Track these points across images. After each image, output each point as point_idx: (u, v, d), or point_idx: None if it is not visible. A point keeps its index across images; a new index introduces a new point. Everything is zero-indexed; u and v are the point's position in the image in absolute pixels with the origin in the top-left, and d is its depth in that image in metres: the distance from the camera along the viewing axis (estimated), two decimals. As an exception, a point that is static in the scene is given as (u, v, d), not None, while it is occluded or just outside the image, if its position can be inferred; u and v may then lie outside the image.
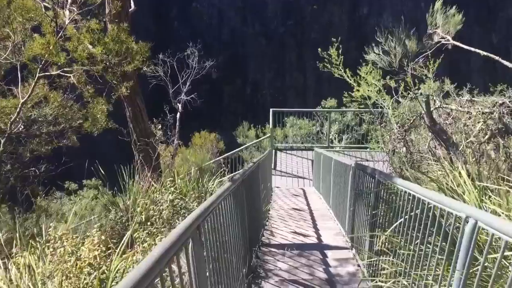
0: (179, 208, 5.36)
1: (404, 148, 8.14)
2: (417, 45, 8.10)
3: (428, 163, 8.25)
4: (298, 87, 76.78)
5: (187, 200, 5.75)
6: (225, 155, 14.68)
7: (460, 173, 4.13)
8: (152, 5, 74.89)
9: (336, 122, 18.92)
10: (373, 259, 5.02)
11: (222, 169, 8.48)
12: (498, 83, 12.27)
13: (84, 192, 21.23)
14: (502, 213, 3.52)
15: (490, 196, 3.99)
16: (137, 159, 7.02)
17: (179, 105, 13.88)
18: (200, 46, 14.94)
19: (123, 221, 5.04)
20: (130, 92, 6.92)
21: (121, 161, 7.30)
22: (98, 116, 6.23)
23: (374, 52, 8.51)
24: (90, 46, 5.52)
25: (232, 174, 4.72)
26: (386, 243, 4.45)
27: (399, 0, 76.65)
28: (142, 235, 4.55)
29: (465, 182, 3.97)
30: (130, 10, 7.13)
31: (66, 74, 5.96)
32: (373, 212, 4.95)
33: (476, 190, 3.82)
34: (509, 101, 7.84)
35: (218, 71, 74.74)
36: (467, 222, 2.45)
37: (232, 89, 76.33)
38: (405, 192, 3.71)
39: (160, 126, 13.05)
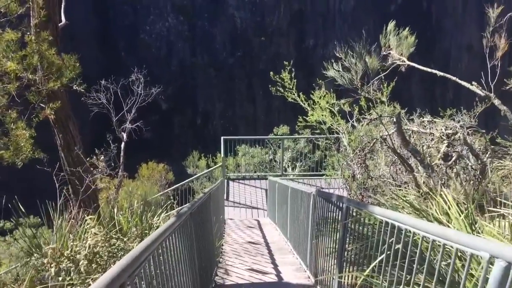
0: (116, 250, 4.52)
1: (365, 173, 7.67)
2: (378, 62, 7.76)
3: (390, 189, 7.81)
4: (249, 117, 77.00)
5: (125, 240, 4.91)
6: (174, 186, 13.79)
7: (444, 197, 3.60)
8: (100, 35, 73.50)
9: (289, 150, 18.50)
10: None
11: (169, 202, 7.65)
12: (437, 111, 12.24)
13: (21, 231, 19.51)
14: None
15: (476, 223, 3.46)
16: (70, 193, 6.13)
17: (124, 134, 12.97)
18: (146, 72, 14.20)
19: (47, 269, 4.15)
20: (60, 115, 6.08)
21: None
22: (22, 144, 5.34)
23: (334, 69, 8.10)
24: (4, 61, 4.68)
25: (179, 208, 3.97)
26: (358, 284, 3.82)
27: (344, 30, 79.31)
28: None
29: (449, 208, 3.44)
30: (60, 24, 6.35)
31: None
32: (343, 246, 4.33)
33: (464, 216, 3.29)
34: (465, 124, 7.59)
35: (168, 102, 74.00)
36: (492, 264, 1.85)
37: (183, 120, 75.45)
38: (386, 223, 3.11)
39: (102, 157, 12.06)
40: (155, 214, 6.65)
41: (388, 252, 3.06)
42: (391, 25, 9.20)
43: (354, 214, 4.02)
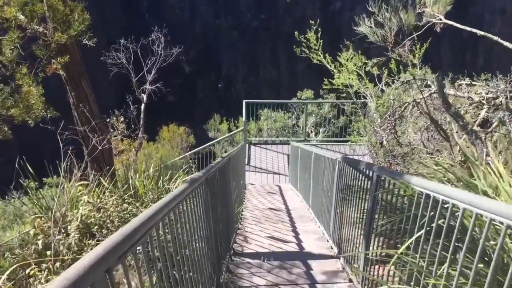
0: (128, 215, 4.26)
1: (394, 140, 7.21)
2: (414, 17, 7.15)
3: (421, 156, 7.35)
4: (272, 81, 75.90)
5: (138, 205, 4.64)
6: (194, 150, 13.55)
7: (494, 167, 3.17)
8: (121, -4, 72.71)
9: (313, 115, 18.00)
10: (370, 276, 4.04)
11: (186, 166, 7.37)
12: (469, 76, 11.53)
13: (44, 191, 19.74)
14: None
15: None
16: (84, 154, 5.89)
17: (144, 96, 12.69)
18: (167, 32, 13.75)
19: (54, 233, 3.91)
20: (72, 72, 5.76)
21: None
22: (33, 102, 5.06)
23: (366, 24, 7.52)
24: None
25: (194, 175, 3.63)
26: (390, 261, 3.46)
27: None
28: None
29: (499, 180, 3.02)
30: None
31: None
32: (371, 219, 3.96)
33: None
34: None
35: (191, 65, 73.53)
36: None
37: (206, 83, 74.92)
38: (427, 195, 2.72)
39: (122, 119, 11.84)
40: (172, 178, 6.39)
41: (428, 228, 2.68)
42: (427, -20, 8.50)
43: (387, 184, 3.63)
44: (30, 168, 5.12)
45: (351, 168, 5.13)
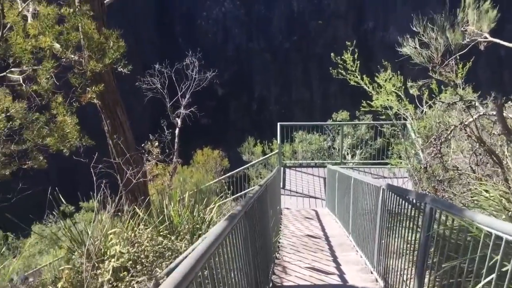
0: (163, 249, 4.07)
1: (440, 164, 6.82)
2: (460, 36, 6.81)
3: (469, 182, 6.93)
4: (305, 102, 75.69)
5: (173, 238, 4.45)
6: (229, 173, 13.39)
7: None
8: (158, 21, 74.60)
9: (349, 136, 17.60)
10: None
11: (223, 193, 7.18)
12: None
13: (81, 215, 20.03)
14: None
15: None
16: (120, 183, 5.78)
17: (178, 120, 12.69)
18: (201, 56, 13.80)
19: (87, 269, 3.75)
20: (107, 100, 5.71)
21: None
22: (68, 131, 5.00)
23: (409, 45, 7.22)
24: (43, 39, 4.26)
25: (233, 210, 3.38)
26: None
27: (404, 13, 75.86)
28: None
29: None
30: (106, 1, 5.95)
31: (13, 75, 4.69)
32: (425, 256, 3.62)
33: None
34: None
35: (224, 87, 74.29)
36: None
37: (239, 105, 75.41)
38: (497, 236, 2.40)
39: (156, 143, 11.85)
40: (208, 206, 6.18)
41: (499, 273, 2.36)
42: (469, -3, 8.15)
43: (443, 217, 3.30)
44: (62, 198, 5.03)
45: (397, 197, 4.81)
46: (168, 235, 4.51)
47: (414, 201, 4.08)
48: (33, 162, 5.33)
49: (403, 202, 4.65)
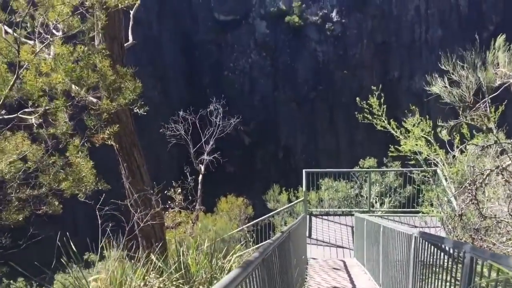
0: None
1: (476, 211, 6.37)
2: (493, 75, 6.53)
3: (508, 231, 6.43)
4: (331, 151, 75.24)
5: (186, 287, 4.14)
6: (253, 222, 13.01)
7: None
8: (186, 73, 76.60)
9: (377, 184, 17.10)
10: None
11: (243, 242, 6.85)
12: None
13: (103, 264, 19.70)
14: None
15: None
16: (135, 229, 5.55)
17: (202, 167, 12.57)
18: (225, 102, 13.84)
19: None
20: (124, 142, 5.59)
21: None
22: (83, 174, 4.86)
23: (439, 84, 6.96)
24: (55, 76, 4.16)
25: (250, 257, 3.07)
26: None
27: (430, 61, 75.90)
28: None
29: None
30: (127, 43, 5.97)
31: (26, 116, 4.61)
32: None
33: None
34: None
35: (250, 136, 74.78)
36: None
37: (265, 154, 75.46)
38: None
39: (179, 190, 11.67)
40: (227, 255, 5.86)
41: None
42: (500, 40, 7.93)
43: (485, 270, 2.92)
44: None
45: (431, 246, 4.41)
46: (180, 286, 4.21)
47: (451, 250, 3.70)
48: (48, 207, 5.17)
49: (438, 251, 4.26)
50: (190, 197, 11.73)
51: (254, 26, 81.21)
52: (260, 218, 13.33)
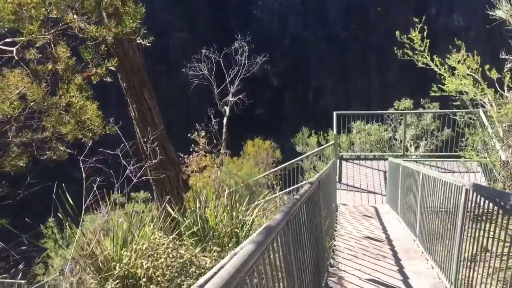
0: (185, 266, 3.24)
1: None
2: None
3: None
4: (362, 93, 73.27)
5: (196, 251, 3.60)
6: (280, 166, 12.45)
7: None
8: (214, 15, 74.55)
9: (412, 127, 16.18)
10: None
11: (269, 189, 6.28)
12: None
13: (130, 206, 19.82)
14: None
15: None
16: (150, 177, 5.04)
17: (226, 108, 11.91)
18: (250, 39, 12.91)
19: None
20: (132, 81, 4.95)
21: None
22: (88, 117, 4.30)
23: (504, 9, 5.95)
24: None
25: (267, 224, 2.45)
26: None
27: (470, -3, 71.51)
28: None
29: None
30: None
31: (23, 52, 3.97)
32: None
33: None
34: None
35: (279, 78, 73.40)
36: None
37: (294, 96, 74.12)
38: None
39: (203, 133, 11.14)
40: (252, 203, 5.31)
41: None
42: None
43: None
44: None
45: (489, 202, 3.71)
46: (191, 247, 3.67)
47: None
48: (52, 153, 4.66)
49: (496, 207, 3.56)
50: (214, 141, 11.20)
51: (284, -38, 77.58)
52: (288, 162, 12.78)
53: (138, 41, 4.16)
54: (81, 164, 3.81)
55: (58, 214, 3.76)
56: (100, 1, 3.64)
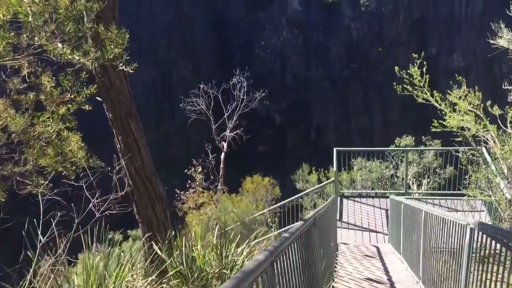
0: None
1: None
2: None
3: None
4: (364, 131, 73.49)
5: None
6: (279, 204, 12.15)
7: None
8: (218, 52, 75.66)
9: (414, 164, 15.93)
10: None
11: (260, 230, 6.00)
12: None
13: (128, 244, 19.45)
14: None
15: None
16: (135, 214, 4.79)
17: (224, 144, 11.73)
18: (249, 74, 12.87)
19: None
20: (118, 111, 4.75)
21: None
22: (68, 150, 4.08)
23: (505, 38, 5.81)
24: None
25: (246, 267, 2.18)
26: None
27: (470, 38, 72.58)
28: None
29: None
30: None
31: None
32: None
33: None
34: None
35: (282, 116, 73.75)
36: None
37: (296, 134, 74.30)
38: None
39: (200, 169, 10.92)
40: (243, 243, 5.01)
41: None
42: None
43: None
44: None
45: (495, 243, 3.43)
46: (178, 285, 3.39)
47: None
48: (32, 187, 4.43)
49: (503, 248, 3.28)
50: (212, 177, 10.96)
51: (286, 3, 79.31)
52: (287, 200, 12.47)
53: (120, 68, 3.96)
54: (39, 197, 3.56)
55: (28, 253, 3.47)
56: (79, 24, 3.47)
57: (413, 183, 16.01)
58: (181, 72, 73.97)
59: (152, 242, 4.57)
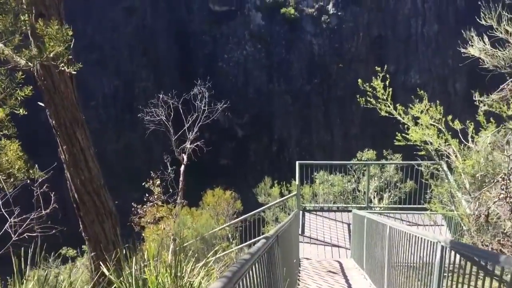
0: None
1: (509, 212, 5.21)
2: None
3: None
4: (325, 145, 74.40)
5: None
6: (240, 218, 11.81)
7: None
8: (180, 64, 75.03)
9: (375, 178, 15.95)
10: None
11: (217, 247, 5.65)
12: None
13: (82, 260, 18.62)
14: None
15: None
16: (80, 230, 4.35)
17: (184, 156, 11.34)
18: (210, 85, 12.58)
19: None
20: (62, 118, 4.32)
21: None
22: (5, 160, 3.63)
23: (477, 46, 5.72)
24: None
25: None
26: None
27: (426, 57, 75.04)
28: None
29: None
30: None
31: None
32: None
33: None
34: None
35: (244, 129, 73.67)
36: None
37: (258, 147, 74.35)
38: None
39: (158, 182, 10.49)
40: (201, 263, 4.65)
41: None
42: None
43: None
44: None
45: (468, 262, 3.23)
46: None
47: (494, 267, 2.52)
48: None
49: (475, 268, 3.08)
50: (170, 190, 10.52)
51: (250, 18, 79.83)
52: (248, 214, 12.14)
53: (62, 68, 3.57)
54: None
55: None
56: (15, 19, 3.06)
57: (374, 197, 16.00)
58: (143, 83, 72.92)
59: (100, 262, 4.14)
